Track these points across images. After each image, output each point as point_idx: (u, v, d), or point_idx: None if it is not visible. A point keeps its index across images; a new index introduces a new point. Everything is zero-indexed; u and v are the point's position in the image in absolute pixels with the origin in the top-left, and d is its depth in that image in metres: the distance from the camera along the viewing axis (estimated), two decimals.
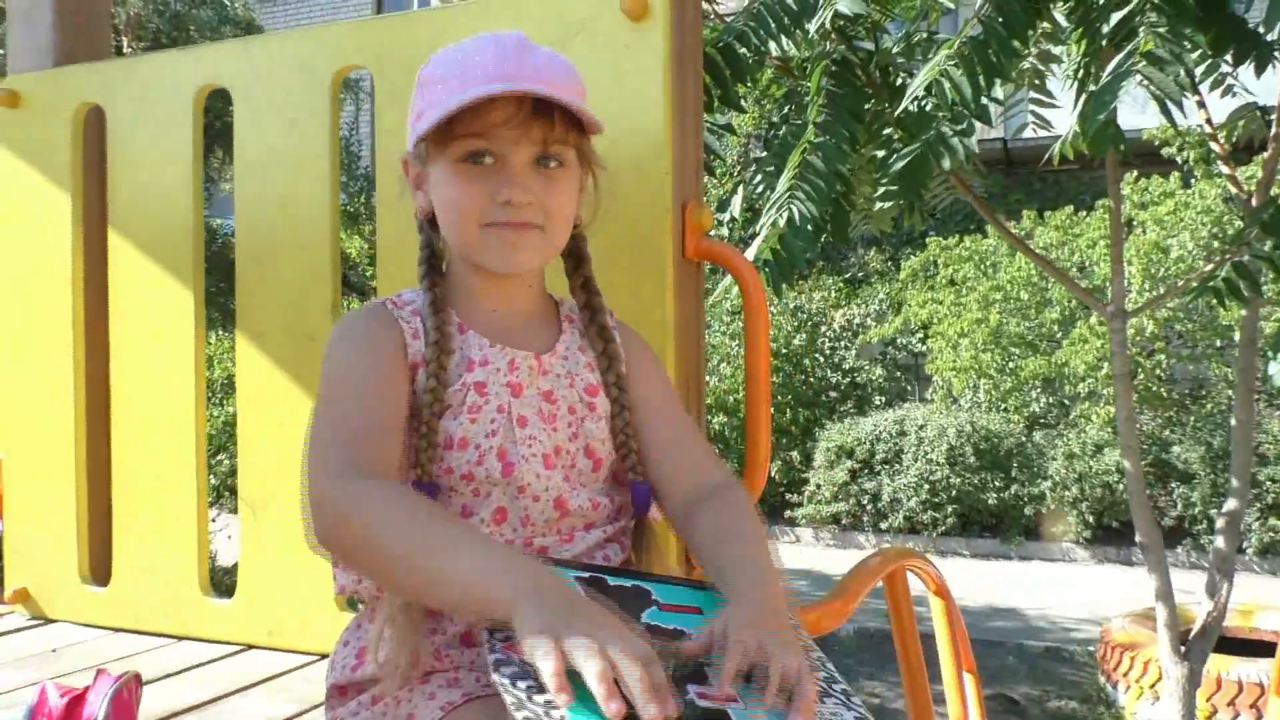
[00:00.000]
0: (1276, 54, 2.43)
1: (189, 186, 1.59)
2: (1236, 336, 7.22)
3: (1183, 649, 3.05)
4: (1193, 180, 7.60)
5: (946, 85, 2.37)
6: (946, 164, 2.55)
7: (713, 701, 0.72)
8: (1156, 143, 7.37)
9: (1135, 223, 7.54)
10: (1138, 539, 3.11)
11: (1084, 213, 8.06)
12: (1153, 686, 3.75)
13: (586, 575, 0.85)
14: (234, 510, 1.61)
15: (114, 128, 1.64)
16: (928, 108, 2.66)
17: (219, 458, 8.51)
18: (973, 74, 2.39)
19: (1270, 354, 2.40)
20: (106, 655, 1.52)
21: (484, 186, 0.90)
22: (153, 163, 1.61)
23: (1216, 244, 7.15)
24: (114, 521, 1.65)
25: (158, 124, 1.60)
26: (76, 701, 0.97)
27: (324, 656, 1.45)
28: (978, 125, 2.63)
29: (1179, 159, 7.54)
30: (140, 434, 1.62)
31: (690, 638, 0.79)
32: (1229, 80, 3.12)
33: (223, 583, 1.64)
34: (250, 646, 1.53)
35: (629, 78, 1.21)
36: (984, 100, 2.47)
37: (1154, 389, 7.29)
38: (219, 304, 5.98)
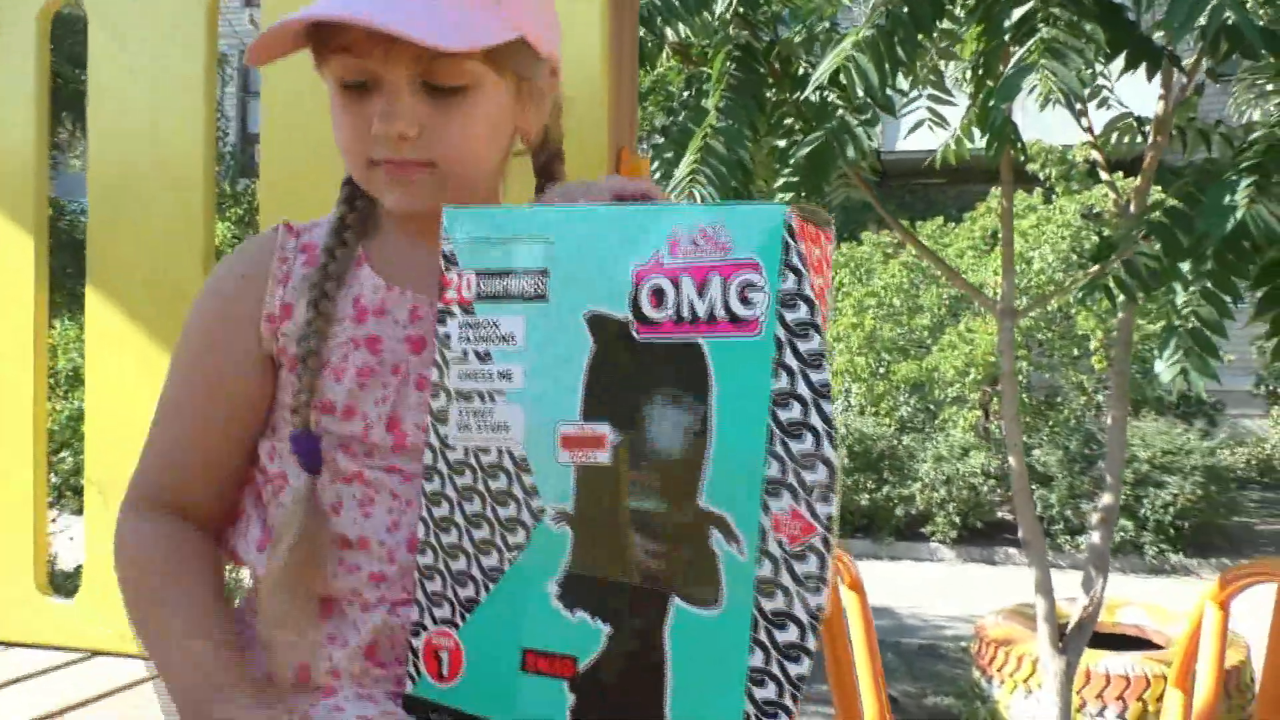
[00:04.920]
0: (1166, 59, 2.51)
1: (31, 126, 1.38)
2: (1092, 345, 7.62)
3: (1060, 643, 3.12)
4: (1054, 196, 7.97)
5: (853, 70, 2.33)
6: (851, 153, 2.53)
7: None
8: (1022, 160, 7.69)
9: (998, 235, 7.86)
10: (1020, 534, 3.16)
11: (952, 224, 8.37)
12: (1026, 680, 3.83)
13: None
14: (78, 511, 1.41)
15: None
16: (830, 98, 2.64)
17: (62, 455, 7.88)
18: (879, 62, 2.37)
19: (1158, 353, 2.44)
20: None
21: (360, 117, 0.75)
22: None
23: (1075, 257, 7.50)
24: None
25: None
26: None
27: None
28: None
29: (1042, 175, 7.92)
30: None
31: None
32: (1104, 92, 3.23)
33: (64, 587, 1.44)
34: (95, 653, 1.34)
35: (566, 8, 1.10)
36: (889, 90, 2.47)
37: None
38: (66, 288, 5.54)
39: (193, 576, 0.78)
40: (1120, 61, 2.66)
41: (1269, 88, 3.43)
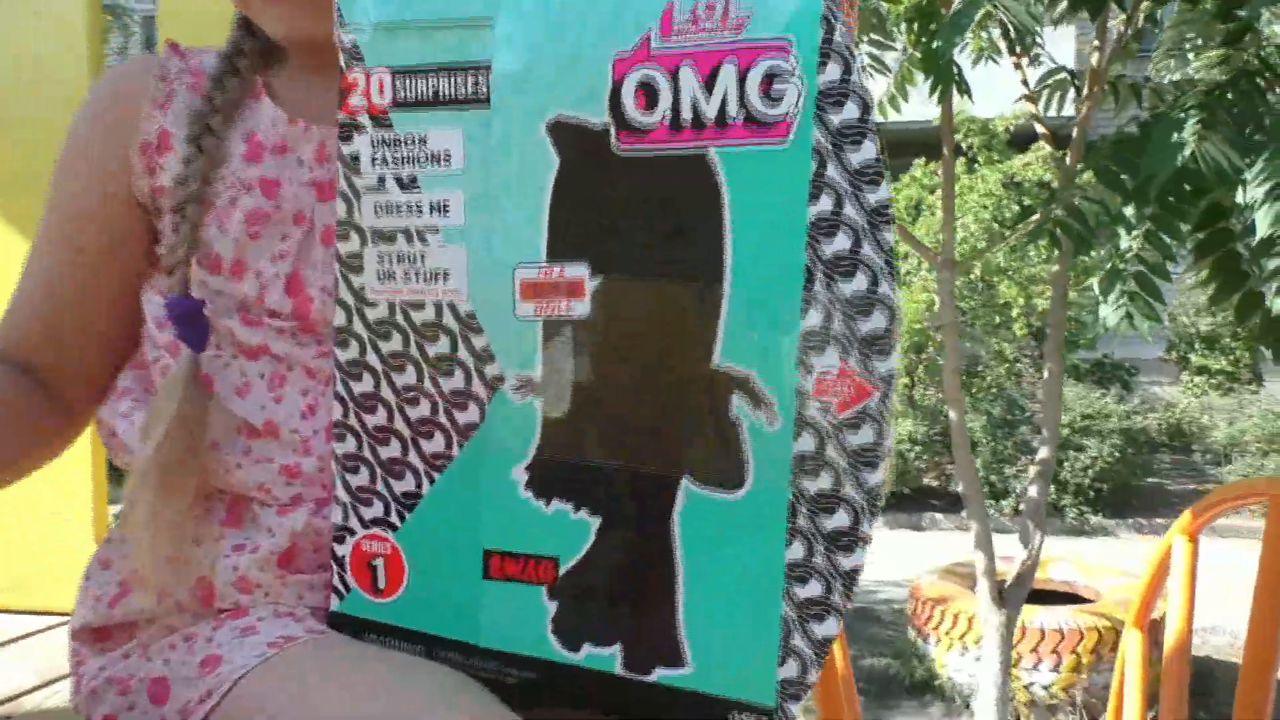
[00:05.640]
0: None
1: None
2: (1014, 313, 7.74)
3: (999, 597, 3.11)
4: (976, 166, 8.05)
5: None
6: None
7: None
8: (966, 98, 7.74)
9: (924, 205, 7.91)
10: (960, 488, 3.14)
11: None
12: (961, 638, 3.84)
13: None
14: None
15: None
16: None
17: None
18: None
19: (1101, 298, 2.41)
20: None
21: None
22: None
23: (997, 226, 7.60)
24: None
25: None
26: None
27: None
28: None
29: (964, 145, 7.99)
30: None
31: None
32: (1036, 49, 3.21)
33: None
34: None
35: None
36: None
37: (940, 362, 7.67)
38: None
39: None
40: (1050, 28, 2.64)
41: (1187, 49, 3.46)
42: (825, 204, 0.45)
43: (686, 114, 0.47)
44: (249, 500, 0.63)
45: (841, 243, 0.45)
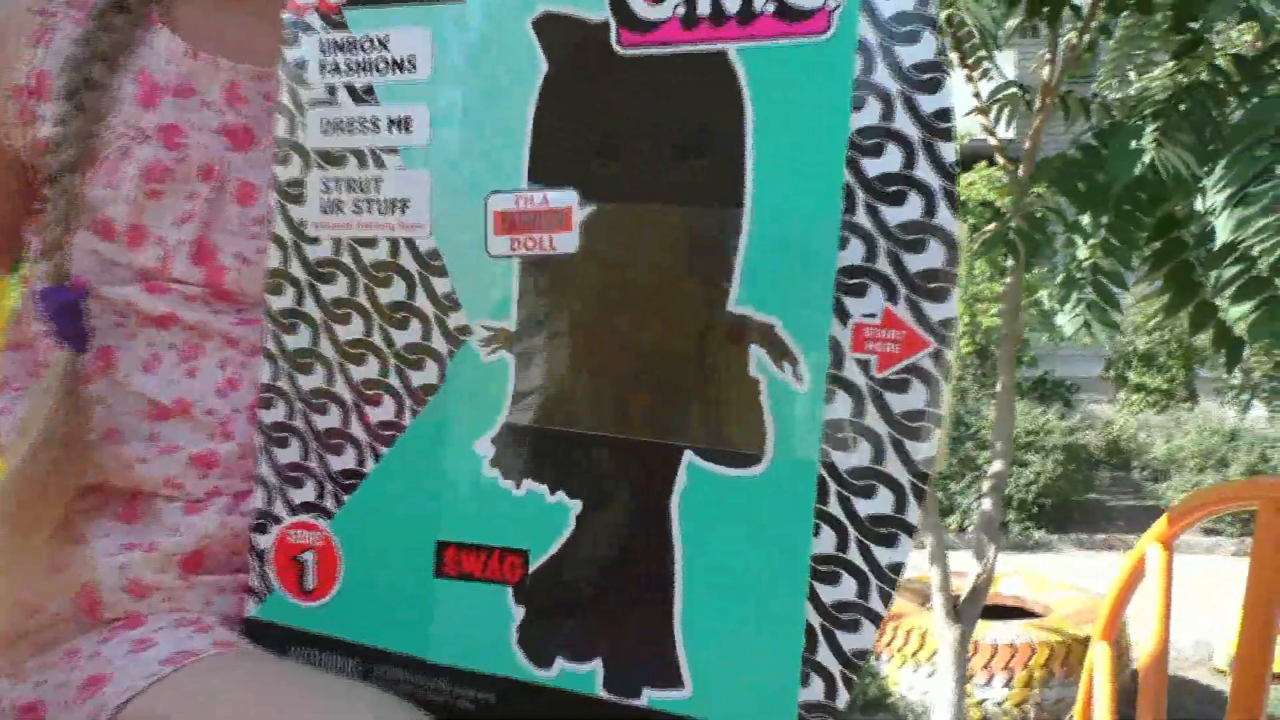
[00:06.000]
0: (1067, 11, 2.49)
1: None
2: (960, 326, 7.85)
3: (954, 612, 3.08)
4: None
5: None
6: None
7: None
8: None
9: None
10: None
11: None
12: (914, 654, 3.81)
13: None
14: None
15: None
16: None
17: None
18: None
19: (1058, 306, 2.40)
20: None
21: None
22: None
23: None
24: None
25: None
26: None
27: None
28: None
29: None
30: None
31: None
32: (985, 65, 3.23)
33: None
34: None
35: None
36: None
37: None
38: None
39: None
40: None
41: (1129, 69, 3.50)
42: (871, 112, 0.38)
43: (703, 4, 0.39)
44: (151, 496, 0.53)
45: (890, 160, 0.38)
